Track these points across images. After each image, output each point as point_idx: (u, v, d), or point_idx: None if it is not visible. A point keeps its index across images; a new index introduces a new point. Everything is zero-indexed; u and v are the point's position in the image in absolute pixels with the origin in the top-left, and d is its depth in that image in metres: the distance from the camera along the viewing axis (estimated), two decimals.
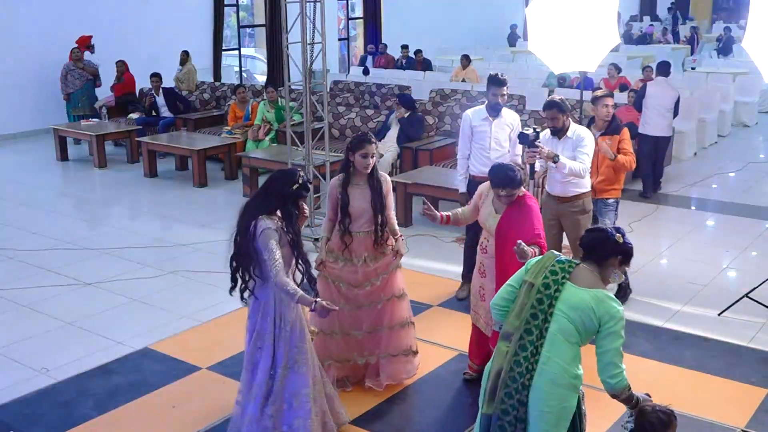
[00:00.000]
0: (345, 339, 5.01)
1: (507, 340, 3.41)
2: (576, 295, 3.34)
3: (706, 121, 12.28)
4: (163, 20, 15.24)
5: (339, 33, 20.07)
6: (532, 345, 3.34)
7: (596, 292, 3.34)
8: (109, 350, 5.72)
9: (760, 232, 8.28)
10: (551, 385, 3.32)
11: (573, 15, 6.34)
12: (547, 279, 3.38)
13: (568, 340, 3.33)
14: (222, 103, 13.02)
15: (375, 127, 10.51)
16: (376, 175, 4.89)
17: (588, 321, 3.30)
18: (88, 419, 4.83)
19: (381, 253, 4.96)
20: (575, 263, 3.44)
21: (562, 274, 3.39)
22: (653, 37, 24.03)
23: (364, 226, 4.89)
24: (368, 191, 4.87)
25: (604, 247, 3.44)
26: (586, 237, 3.56)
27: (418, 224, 8.51)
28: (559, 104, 5.81)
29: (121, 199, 10.15)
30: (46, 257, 7.64)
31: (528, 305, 3.38)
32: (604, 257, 3.43)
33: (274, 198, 4.05)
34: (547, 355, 3.33)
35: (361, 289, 4.95)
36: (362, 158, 4.81)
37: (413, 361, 5.17)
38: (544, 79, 14.17)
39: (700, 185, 10.30)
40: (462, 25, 21.62)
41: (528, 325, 3.36)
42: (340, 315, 4.85)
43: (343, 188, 4.87)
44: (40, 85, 13.60)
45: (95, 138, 11.38)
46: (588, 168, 5.82)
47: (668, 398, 4.72)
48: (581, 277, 3.39)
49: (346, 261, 4.94)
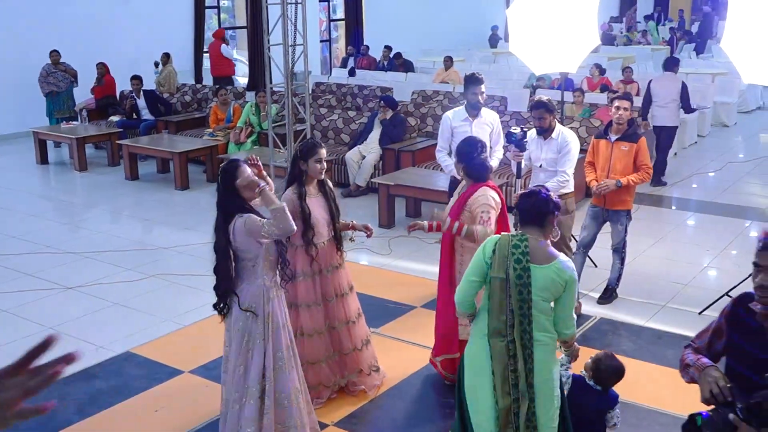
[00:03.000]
0: (328, 363, 4.93)
1: (501, 336, 3.58)
2: (542, 275, 3.57)
3: (686, 122, 12.37)
4: (143, 22, 15.15)
5: (321, 35, 20.05)
6: (526, 333, 3.56)
7: (554, 264, 3.60)
8: (90, 354, 5.67)
9: (740, 231, 8.35)
10: (546, 357, 3.61)
11: (553, 16, 6.38)
12: (516, 270, 3.55)
13: (547, 315, 3.62)
14: (203, 106, 12.97)
15: (358, 129, 10.51)
16: (326, 181, 4.81)
17: (557, 290, 3.60)
18: (70, 424, 4.80)
19: (342, 260, 4.92)
20: (525, 239, 3.61)
21: (525, 258, 3.57)
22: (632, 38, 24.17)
23: (326, 234, 4.80)
24: (323, 199, 4.78)
25: (545, 209, 3.68)
26: (525, 203, 3.75)
27: (400, 226, 8.52)
28: (547, 104, 5.86)
29: (102, 202, 10.08)
30: (26, 261, 7.57)
31: (510, 299, 3.55)
32: (545, 217, 3.68)
33: (231, 193, 4.02)
34: (537, 336, 3.58)
35: (334, 301, 4.86)
36: (317, 164, 4.66)
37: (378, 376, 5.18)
38: (525, 80, 14.23)
39: (680, 185, 10.38)
40: (443, 27, 21.66)
41: (515, 317, 3.55)
42: (321, 341, 4.83)
43: (300, 200, 4.68)
44: (19, 88, 13.47)
45: (75, 141, 11.30)
46: (570, 176, 5.86)
47: (651, 397, 4.75)
48: (538, 255, 3.60)
49: (314, 275, 4.79)
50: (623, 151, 6.13)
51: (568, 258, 3.72)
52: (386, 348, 5.70)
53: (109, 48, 14.17)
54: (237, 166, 4.06)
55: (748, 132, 14.32)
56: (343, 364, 5.00)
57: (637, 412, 4.79)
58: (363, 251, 7.65)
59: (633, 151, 6.14)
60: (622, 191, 6.19)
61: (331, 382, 4.95)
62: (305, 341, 4.80)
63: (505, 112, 10.37)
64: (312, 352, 4.83)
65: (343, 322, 4.93)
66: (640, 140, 6.21)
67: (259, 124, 10.81)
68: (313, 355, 4.84)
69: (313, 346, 4.83)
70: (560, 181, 5.83)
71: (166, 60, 13.81)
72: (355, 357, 5.01)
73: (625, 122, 6.17)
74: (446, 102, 11.37)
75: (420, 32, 20.70)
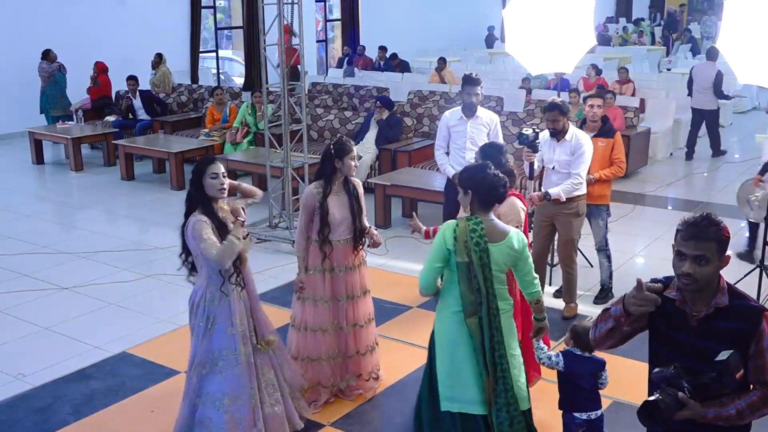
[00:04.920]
0: (330, 363, 4.89)
1: (474, 315, 3.85)
2: (498, 252, 3.86)
3: (682, 122, 12.39)
4: (139, 22, 15.12)
5: (317, 35, 20.04)
6: (493, 307, 3.86)
7: (507, 238, 3.88)
8: (86, 355, 5.68)
9: (735, 232, 8.37)
10: (508, 323, 3.98)
11: (550, 17, 6.40)
12: (477, 252, 3.81)
13: (503, 284, 3.95)
14: (200, 106, 12.96)
15: (354, 129, 10.51)
16: (350, 180, 4.80)
17: (511, 260, 3.91)
18: (66, 425, 4.79)
19: (360, 261, 4.88)
20: (480, 222, 3.85)
21: (483, 240, 3.81)
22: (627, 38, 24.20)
23: (344, 233, 4.76)
24: (346, 197, 4.75)
25: (501, 193, 3.95)
26: (479, 183, 3.91)
27: (397, 226, 8.53)
28: (561, 106, 5.82)
29: (98, 202, 10.06)
30: (21, 262, 7.56)
31: (477, 280, 3.82)
32: (502, 200, 4.01)
33: (199, 189, 4.07)
34: (499, 306, 3.90)
35: (345, 302, 4.83)
36: (352, 161, 4.67)
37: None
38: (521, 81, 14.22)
39: (676, 185, 10.40)
40: (440, 27, 21.67)
41: (482, 296, 3.83)
42: (324, 339, 4.82)
43: (323, 197, 4.68)
44: (15, 88, 13.44)
45: (71, 141, 11.28)
46: (583, 178, 5.87)
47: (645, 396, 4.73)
48: (494, 234, 3.87)
49: (325, 271, 4.77)
50: (600, 147, 6.24)
51: (517, 230, 4.02)
52: (383, 348, 5.69)
53: (105, 48, 14.14)
54: (212, 161, 4.13)
55: (743, 132, 14.34)
56: (345, 367, 4.96)
57: (633, 412, 4.78)
58: None
59: (610, 147, 6.29)
60: (604, 186, 6.31)
61: (329, 383, 4.92)
62: (308, 336, 4.79)
63: (501, 112, 10.37)
64: (313, 348, 4.81)
65: (350, 324, 4.88)
66: (616, 135, 6.37)
67: (255, 125, 10.80)
68: (314, 351, 4.81)
69: (315, 343, 4.80)
70: (574, 184, 5.83)
71: (159, 60, 13.80)
72: (357, 361, 4.97)
73: (599, 119, 6.34)
74: (442, 102, 11.37)
75: (416, 32, 20.70)
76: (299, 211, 4.94)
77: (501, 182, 3.90)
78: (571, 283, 6.21)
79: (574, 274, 6.19)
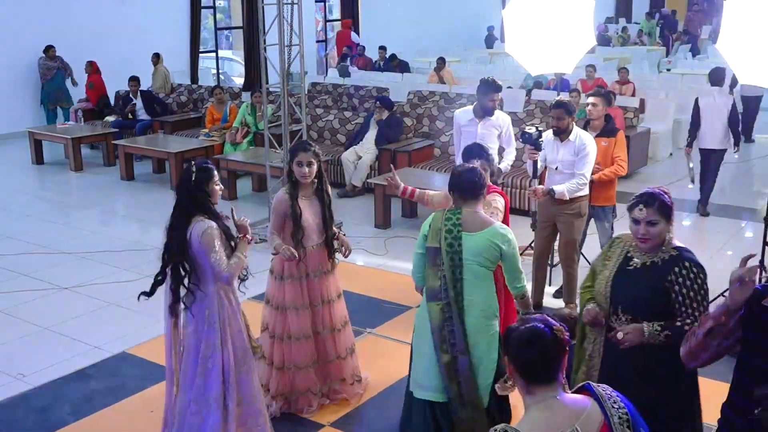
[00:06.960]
0: (314, 368, 4.85)
1: (436, 300, 3.95)
2: (474, 242, 3.90)
3: (681, 122, 12.39)
4: (139, 22, 15.13)
5: (317, 35, 20.04)
6: (459, 295, 3.91)
7: (487, 230, 3.92)
8: (86, 355, 5.68)
9: (735, 232, 8.37)
10: (479, 319, 3.95)
11: (549, 17, 6.39)
12: (448, 238, 3.90)
13: (483, 279, 3.94)
14: (199, 106, 12.96)
15: (354, 129, 10.51)
16: (325, 188, 4.67)
17: (493, 254, 3.92)
18: (65, 425, 4.80)
19: (332, 265, 4.82)
20: (458, 212, 3.95)
21: (456, 228, 3.90)
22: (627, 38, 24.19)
23: (315, 239, 4.68)
24: (317, 204, 4.66)
25: (479, 185, 4.01)
26: (458, 180, 4.01)
27: (396, 226, 8.53)
28: (567, 105, 5.81)
29: (98, 202, 10.06)
30: (21, 261, 7.56)
31: (443, 266, 3.91)
32: (480, 191, 4.03)
33: (190, 199, 4.04)
34: (469, 298, 3.92)
35: (320, 307, 4.78)
36: (297, 167, 4.53)
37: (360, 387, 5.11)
38: (522, 81, 14.23)
39: (676, 185, 10.37)
40: (439, 27, 21.66)
41: (447, 282, 3.91)
42: (309, 345, 4.78)
43: (293, 200, 4.58)
44: (15, 88, 13.46)
45: (71, 141, 11.29)
46: (587, 179, 5.86)
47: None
48: (471, 224, 3.93)
49: (302, 278, 4.70)
50: (603, 146, 6.22)
51: (504, 225, 4.08)
52: (382, 348, 5.70)
53: (104, 48, 14.14)
54: (214, 167, 4.12)
55: None
56: (327, 372, 4.92)
57: None
58: (359, 252, 7.64)
59: (612, 145, 6.28)
60: (608, 187, 6.30)
61: (317, 389, 4.88)
62: (293, 345, 4.74)
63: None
64: (300, 357, 4.75)
65: (328, 329, 4.84)
66: (618, 134, 6.36)
67: (255, 125, 10.80)
68: (302, 359, 4.76)
69: (301, 350, 4.75)
70: (579, 184, 5.81)
71: (156, 60, 13.79)
72: (339, 365, 4.93)
73: (600, 117, 6.33)
74: (442, 102, 11.38)
75: (416, 33, 20.70)
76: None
77: (475, 177, 4.00)
78: (571, 283, 6.21)
79: (574, 274, 6.19)
